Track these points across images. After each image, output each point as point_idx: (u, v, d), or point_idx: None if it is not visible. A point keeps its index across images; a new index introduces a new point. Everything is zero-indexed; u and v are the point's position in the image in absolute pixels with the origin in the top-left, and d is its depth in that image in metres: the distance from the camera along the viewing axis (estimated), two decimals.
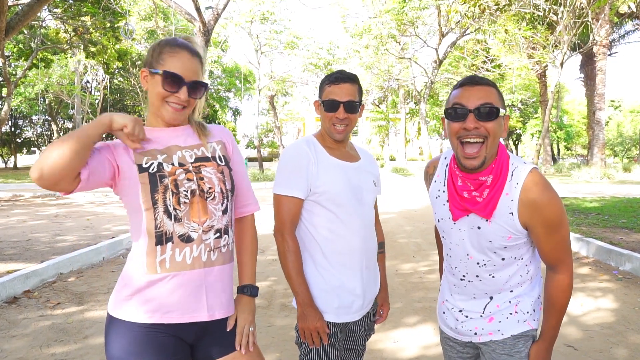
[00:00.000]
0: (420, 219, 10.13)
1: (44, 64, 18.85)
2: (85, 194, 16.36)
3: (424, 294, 4.84)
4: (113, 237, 7.41)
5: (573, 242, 6.84)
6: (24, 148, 44.46)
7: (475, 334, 1.66)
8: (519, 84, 30.51)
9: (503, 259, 1.56)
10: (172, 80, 1.46)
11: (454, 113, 1.46)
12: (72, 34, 17.44)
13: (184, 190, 1.44)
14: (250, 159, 43.39)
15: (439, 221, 1.67)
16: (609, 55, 25.40)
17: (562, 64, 11.60)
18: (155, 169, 1.43)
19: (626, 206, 10.12)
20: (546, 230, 1.48)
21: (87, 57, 17.94)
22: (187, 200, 1.44)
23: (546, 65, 18.22)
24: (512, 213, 1.47)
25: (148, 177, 1.41)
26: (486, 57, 19.44)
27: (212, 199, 1.48)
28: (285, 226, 1.81)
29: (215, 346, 1.53)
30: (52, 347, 3.53)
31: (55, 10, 16.31)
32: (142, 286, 1.42)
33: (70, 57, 23.75)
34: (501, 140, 1.56)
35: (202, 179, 1.48)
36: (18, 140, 41.64)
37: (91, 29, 16.41)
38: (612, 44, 25.61)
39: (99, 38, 17.10)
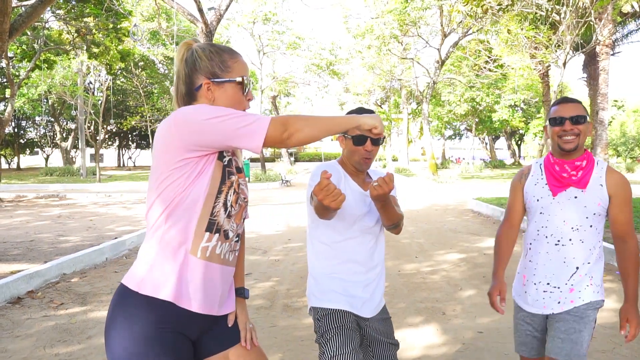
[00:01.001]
0: (423, 220, 10.12)
1: (47, 65, 18.90)
2: (88, 195, 16.40)
3: (426, 295, 4.84)
4: (116, 238, 7.43)
5: None
6: (27, 149, 44.60)
7: (559, 303, 2.07)
8: (522, 84, 30.42)
9: (590, 226, 2.06)
10: (243, 85, 1.56)
11: (556, 121, 2.09)
12: (75, 35, 17.48)
13: (241, 193, 1.55)
14: (252, 160, 43.39)
15: (537, 200, 2.15)
16: (612, 55, 25.23)
17: (564, 64, 11.58)
18: (226, 163, 1.49)
19: None
20: (623, 202, 2.05)
21: (89, 58, 17.98)
22: (242, 203, 1.55)
23: (549, 65, 18.17)
24: (601, 185, 2.05)
25: (222, 167, 1.47)
26: (489, 57, 19.41)
27: (245, 208, 1.62)
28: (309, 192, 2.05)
29: (216, 341, 1.59)
30: (56, 348, 3.54)
31: (58, 11, 16.36)
32: (179, 265, 1.41)
33: (73, 58, 23.80)
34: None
35: (241, 188, 1.58)
36: (21, 141, 41.77)
37: (94, 30, 16.44)
38: (615, 43, 25.46)
39: (102, 39, 17.13)
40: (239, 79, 1.54)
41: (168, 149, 1.40)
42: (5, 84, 23.51)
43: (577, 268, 2.06)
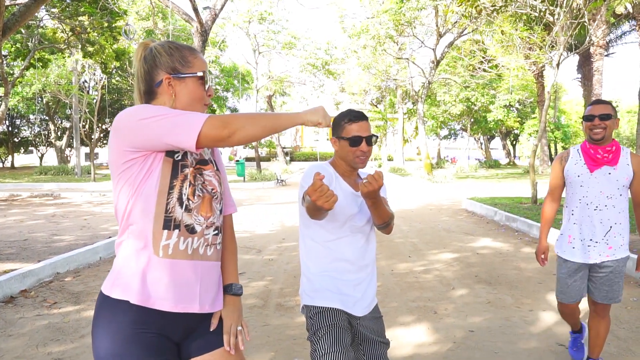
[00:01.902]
0: (417, 219, 10.16)
1: (41, 64, 18.83)
2: (83, 194, 16.35)
3: (419, 294, 4.87)
4: (110, 237, 7.43)
5: None
6: (22, 147, 44.40)
7: (600, 255, 2.80)
8: (517, 84, 30.54)
9: (620, 195, 2.78)
10: (204, 80, 1.55)
11: (588, 118, 2.77)
12: (70, 33, 17.42)
13: (200, 184, 1.50)
14: (248, 159, 43.36)
15: (578, 176, 2.83)
16: (606, 55, 25.45)
17: (558, 65, 11.63)
18: (180, 157, 1.47)
19: None
20: None
21: (84, 57, 17.92)
22: (201, 194, 1.50)
23: (543, 66, 18.26)
24: (628, 164, 2.77)
25: (172, 162, 1.45)
26: (483, 58, 19.46)
27: (216, 199, 1.56)
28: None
29: (197, 343, 1.54)
30: (49, 347, 3.55)
31: (52, 10, 16.30)
32: (142, 266, 1.42)
33: (68, 56, 23.72)
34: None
35: (204, 181, 1.54)
36: (15, 139, 41.59)
37: (89, 29, 16.40)
38: (609, 44, 25.65)
39: (97, 38, 17.09)
40: (200, 73, 1.53)
41: (113, 152, 1.43)
42: (0, 82, 23.40)
43: (611, 227, 2.78)
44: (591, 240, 2.82)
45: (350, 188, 2.11)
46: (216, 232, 1.56)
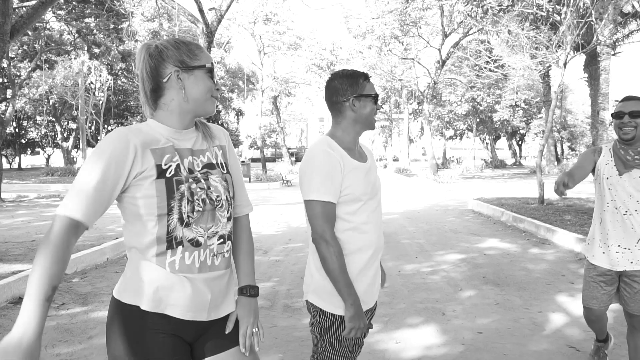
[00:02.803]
0: (423, 220, 10.13)
1: (47, 66, 18.94)
2: None
3: (426, 295, 4.85)
4: (117, 238, 7.45)
5: (576, 242, 6.84)
6: (28, 149, 44.60)
7: (631, 262, 2.60)
8: (523, 84, 30.42)
9: None
10: (212, 73, 1.52)
11: (618, 115, 2.59)
12: (76, 35, 17.51)
13: (198, 199, 1.45)
14: (253, 160, 43.41)
15: (607, 179, 2.65)
16: (613, 55, 25.25)
17: (565, 64, 11.57)
18: (172, 172, 1.42)
19: None
20: None
21: (90, 58, 18.02)
22: (200, 209, 1.45)
23: (549, 66, 18.17)
24: None
25: (165, 183, 1.40)
26: (489, 58, 19.40)
27: (220, 207, 1.51)
28: (327, 231, 1.86)
29: (211, 343, 1.54)
30: (57, 348, 3.56)
31: (59, 12, 16.38)
32: (151, 277, 1.42)
33: (74, 58, 23.84)
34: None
35: (209, 187, 1.49)
36: (22, 141, 41.79)
37: (95, 31, 16.47)
38: (616, 43, 25.45)
39: (103, 39, 17.16)
40: (208, 65, 1.50)
41: None
42: (7, 84, 23.52)
43: None
44: (619, 246, 2.64)
45: (356, 162, 1.96)
46: (221, 240, 1.52)
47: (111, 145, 1.36)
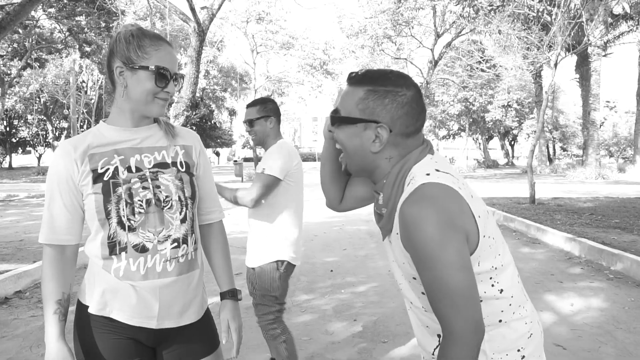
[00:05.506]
0: None
1: (38, 64, 18.81)
2: None
3: None
4: None
5: (565, 241, 6.89)
6: (19, 148, 44.28)
7: None
8: (515, 84, 30.58)
9: None
10: (162, 76, 1.40)
11: None
12: (67, 33, 17.40)
13: (139, 200, 1.39)
14: (246, 159, 43.32)
15: None
16: (604, 56, 25.46)
17: (556, 65, 11.63)
18: (110, 175, 1.39)
19: (619, 206, 10.16)
20: None
21: (81, 57, 17.91)
22: (142, 210, 1.39)
23: (541, 66, 18.28)
24: None
25: (101, 187, 1.38)
26: (481, 58, 19.48)
27: (169, 208, 1.43)
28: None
29: (179, 351, 1.50)
30: (43, 348, 3.50)
31: (50, 10, 16.27)
32: (98, 280, 1.42)
33: (65, 56, 23.69)
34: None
35: (158, 187, 1.42)
36: (13, 140, 41.48)
37: (86, 29, 16.38)
38: (607, 45, 25.66)
39: (94, 38, 17.07)
40: (152, 68, 1.38)
41: None
42: None
43: None
44: None
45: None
46: (175, 244, 1.43)
47: (55, 167, 1.41)
